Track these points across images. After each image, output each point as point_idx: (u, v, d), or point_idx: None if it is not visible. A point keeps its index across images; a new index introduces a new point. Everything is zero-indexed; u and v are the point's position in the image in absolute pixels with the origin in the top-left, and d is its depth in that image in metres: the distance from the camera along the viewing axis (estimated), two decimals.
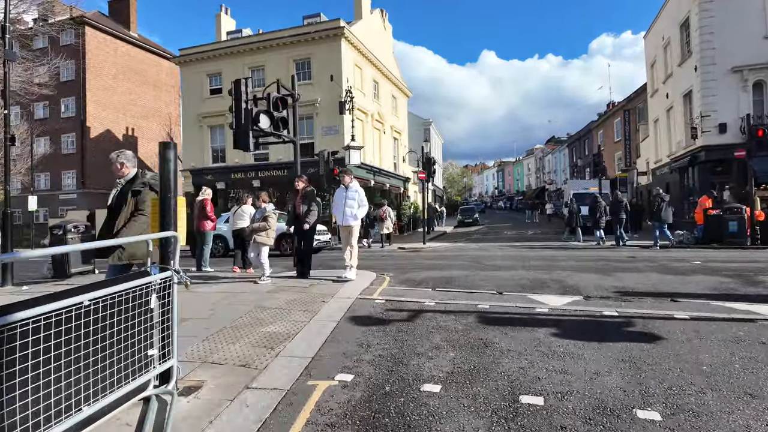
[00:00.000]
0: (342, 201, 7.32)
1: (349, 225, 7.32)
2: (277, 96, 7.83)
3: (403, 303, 5.66)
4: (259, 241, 7.31)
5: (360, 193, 7.38)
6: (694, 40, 19.25)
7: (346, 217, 7.28)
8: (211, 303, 5.73)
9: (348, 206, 7.25)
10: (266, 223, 7.30)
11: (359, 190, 7.42)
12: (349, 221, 7.29)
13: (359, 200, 7.32)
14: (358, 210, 7.30)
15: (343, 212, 7.29)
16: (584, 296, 6.03)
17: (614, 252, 12.54)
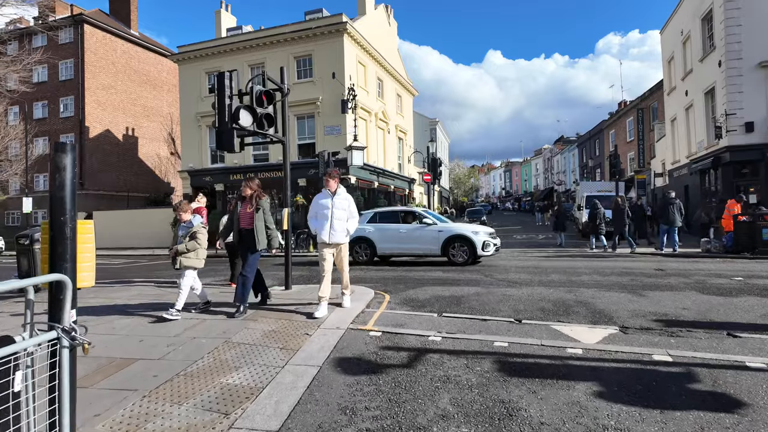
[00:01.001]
0: (327, 212, 5.71)
1: (340, 242, 5.78)
2: (262, 90, 6.89)
3: (403, 337, 4.69)
4: (187, 264, 5.72)
5: (350, 201, 5.88)
6: (718, 33, 18.09)
7: (336, 232, 5.69)
8: (173, 335, 4.79)
9: (337, 218, 5.70)
10: (195, 242, 5.78)
11: (349, 197, 5.91)
12: (339, 238, 5.73)
13: (350, 211, 5.83)
14: (349, 223, 5.82)
15: (330, 226, 5.68)
16: (620, 327, 5.02)
17: (638, 262, 11.48)
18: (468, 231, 11.64)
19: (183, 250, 5.69)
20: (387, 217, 12.69)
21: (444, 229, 11.75)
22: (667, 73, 25.49)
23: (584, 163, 50.02)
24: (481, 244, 11.27)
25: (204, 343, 4.49)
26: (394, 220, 12.49)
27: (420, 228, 11.92)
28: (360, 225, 11.94)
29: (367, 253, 12.26)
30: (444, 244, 11.49)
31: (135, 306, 6.56)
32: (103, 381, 3.64)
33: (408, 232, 11.97)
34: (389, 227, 12.22)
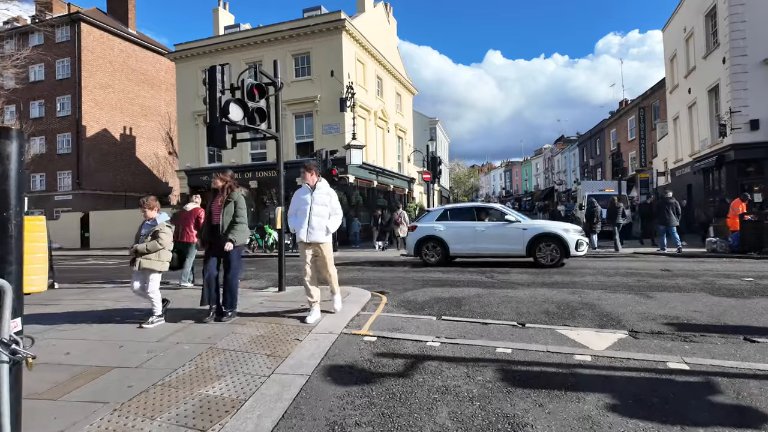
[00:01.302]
0: (306, 208, 5.18)
1: (319, 241, 5.20)
2: (253, 83, 6.61)
3: (400, 343, 4.40)
4: (147, 266, 5.12)
5: (332, 196, 5.29)
6: (722, 30, 17.81)
7: (314, 230, 5.14)
8: (155, 341, 4.51)
9: (315, 214, 5.15)
10: (157, 242, 5.17)
11: (331, 192, 5.33)
12: (318, 236, 5.15)
13: (331, 206, 5.25)
14: (330, 220, 5.23)
15: (307, 223, 5.14)
16: (630, 331, 4.74)
17: (643, 262, 11.20)
18: (558, 229, 10.61)
19: (143, 250, 5.13)
20: (460, 214, 11.75)
21: (530, 226, 10.73)
22: (669, 71, 25.21)
23: (585, 162, 49.75)
24: (575, 243, 10.32)
25: (187, 350, 4.21)
26: (469, 217, 11.53)
27: (501, 226, 10.90)
28: (429, 223, 11.53)
29: (438, 253, 11.33)
30: (530, 243, 10.50)
31: (120, 310, 6.28)
32: (74, 392, 3.36)
33: (487, 231, 10.97)
34: (464, 225, 11.23)
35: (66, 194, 33.29)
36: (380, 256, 15.09)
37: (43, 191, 33.98)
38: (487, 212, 11.73)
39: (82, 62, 32.51)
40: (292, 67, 23.52)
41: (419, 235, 11.58)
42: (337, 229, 5.45)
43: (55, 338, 4.76)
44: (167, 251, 5.31)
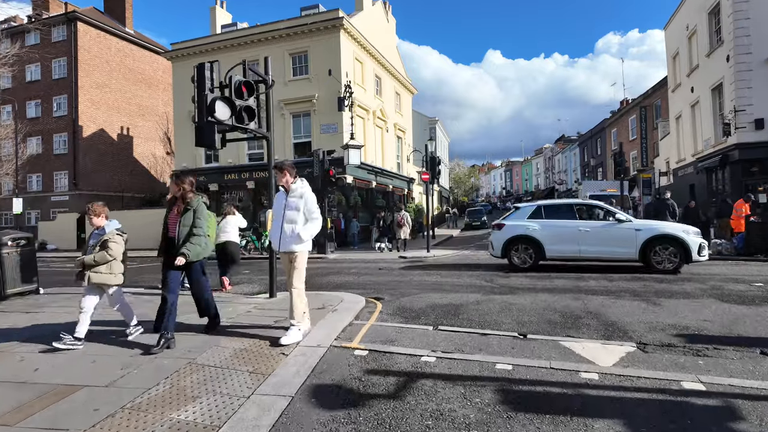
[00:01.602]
0: (279, 213, 4.67)
1: (290, 251, 4.60)
2: (241, 80, 6.32)
3: (393, 358, 4.11)
4: (98, 281, 4.57)
5: (307, 198, 4.63)
6: (726, 27, 17.51)
7: (285, 238, 4.57)
8: (129, 355, 4.23)
9: (288, 220, 4.57)
10: (106, 253, 4.57)
11: (306, 194, 4.66)
12: (288, 244, 4.56)
13: (306, 210, 4.61)
14: (305, 227, 4.59)
15: (280, 230, 4.61)
16: (638, 343, 4.46)
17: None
18: (678, 230, 9.37)
19: (90, 262, 4.53)
20: (558, 211, 10.41)
21: (644, 227, 9.52)
22: (671, 69, 24.90)
23: (586, 162, 49.45)
24: (697, 247, 9.14)
25: (164, 365, 3.92)
26: (569, 215, 10.18)
27: (609, 226, 9.71)
28: (519, 221, 10.35)
29: (531, 255, 10.11)
30: (643, 246, 9.34)
31: (103, 320, 5.99)
32: (35, 415, 3.08)
33: (593, 232, 9.74)
34: (563, 224, 9.98)
35: (63, 195, 33.01)
36: (378, 258, 14.81)
37: (40, 192, 33.71)
38: (590, 210, 10.35)
39: (79, 62, 32.19)
40: (289, 66, 23.24)
41: (508, 234, 10.30)
42: (315, 235, 4.83)
43: (26, 352, 4.48)
44: (119, 263, 4.73)
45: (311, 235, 4.65)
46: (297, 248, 4.60)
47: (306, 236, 4.58)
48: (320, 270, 11.90)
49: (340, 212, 21.76)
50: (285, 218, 4.60)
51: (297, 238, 4.56)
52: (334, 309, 5.94)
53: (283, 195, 4.72)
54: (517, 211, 10.89)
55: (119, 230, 4.83)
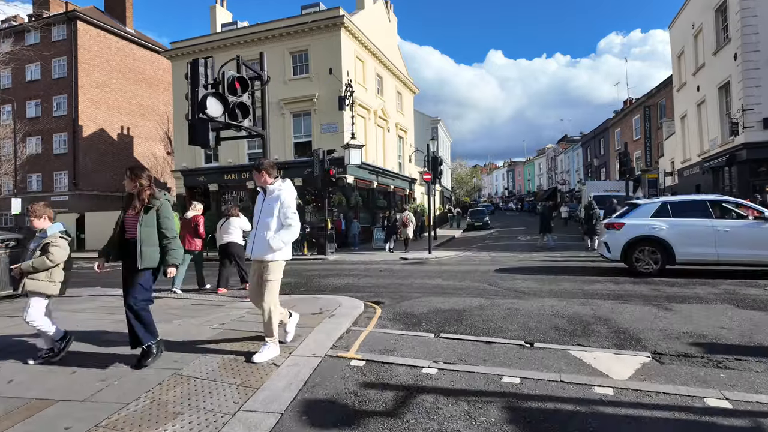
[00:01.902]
0: (257, 216, 4.20)
1: (263, 260, 4.06)
2: (235, 76, 6.08)
3: (391, 369, 3.85)
4: (33, 288, 4.03)
5: (283, 201, 4.05)
6: (733, 25, 17.21)
7: (257, 243, 4.09)
8: (112, 367, 3.97)
9: (262, 225, 4.08)
10: (46, 258, 4.03)
11: (283, 196, 4.06)
12: (262, 252, 4.02)
13: (283, 214, 4.05)
14: (277, 234, 4.01)
15: (254, 235, 4.18)
16: (653, 353, 4.18)
17: None
18: None
19: (28, 269, 4.00)
20: (687, 208, 9.10)
21: None
22: (676, 68, 24.59)
23: (589, 162, 49.09)
24: None
25: (147, 377, 3.67)
26: (701, 213, 8.89)
27: (754, 225, 8.55)
28: (641, 220, 9.17)
29: (657, 259, 8.98)
30: None
31: (87, 327, 5.75)
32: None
33: (734, 232, 8.56)
34: (698, 224, 8.76)
35: (62, 195, 32.86)
36: (379, 260, 14.56)
37: (40, 192, 33.56)
38: (724, 208, 9.07)
39: (79, 61, 32.05)
40: (289, 65, 23.01)
41: (629, 235, 9.17)
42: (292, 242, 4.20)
43: (2, 360, 4.23)
44: (60, 270, 4.14)
45: (284, 243, 4.04)
46: (268, 257, 4.02)
47: (276, 245, 3.97)
48: (320, 272, 11.65)
49: (340, 213, 21.52)
50: (259, 223, 4.11)
51: (268, 247, 3.99)
52: (332, 314, 5.68)
53: (261, 198, 4.22)
54: (636, 209, 9.59)
55: (63, 233, 4.23)
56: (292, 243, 4.31)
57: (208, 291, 8.42)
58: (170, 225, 3.98)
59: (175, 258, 3.98)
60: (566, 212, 35.07)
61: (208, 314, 5.94)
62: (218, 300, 7.28)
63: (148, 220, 3.90)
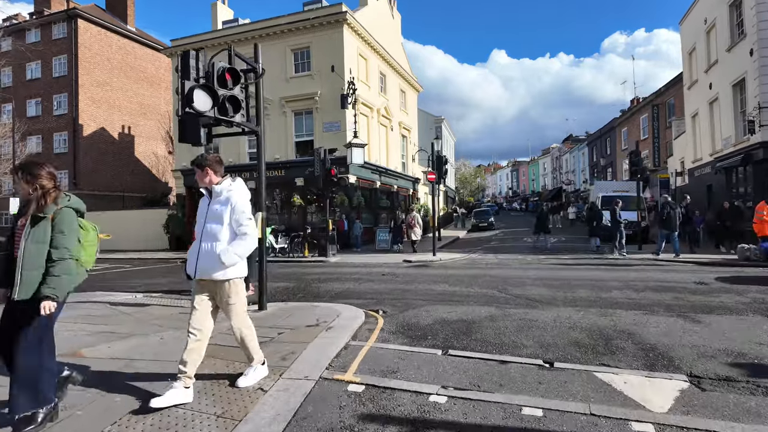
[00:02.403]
0: (200, 222, 3.40)
1: (214, 279, 3.30)
2: (225, 67, 5.62)
3: (394, 397, 3.37)
4: None
5: (235, 205, 3.31)
6: (749, 19, 16.62)
7: (204, 259, 3.28)
8: (78, 390, 3.51)
9: (207, 235, 3.31)
10: None
11: (235, 199, 3.33)
12: (212, 269, 3.27)
13: (234, 221, 3.31)
14: (235, 245, 3.29)
15: (198, 249, 3.33)
16: (690, 376, 3.70)
17: (672, 273, 10.08)
18: None
19: None
20: None
21: None
22: (687, 65, 23.97)
23: (595, 162, 48.42)
24: None
25: (116, 405, 3.21)
26: None
27: None
28: None
29: None
30: None
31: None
32: None
33: None
34: None
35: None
36: (382, 262, 14.08)
37: None
38: None
39: (79, 59, 31.71)
40: (291, 62, 22.57)
41: None
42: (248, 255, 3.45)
43: None
44: None
45: (239, 257, 3.30)
46: (219, 275, 3.26)
47: (229, 259, 3.24)
48: (320, 275, 11.19)
49: (343, 213, 21.07)
50: (205, 232, 3.32)
51: (218, 262, 3.24)
52: (329, 326, 5.22)
53: (205, 201, 3.45)
54: None
55: None
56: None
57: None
58: (64, 243, 2.83)
59: (53, 288, 2.74)
60: (573, 213, 34.50)
61: None
62: None
63: (37, 234, 2.80)
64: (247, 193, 3.48)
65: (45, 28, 33.15)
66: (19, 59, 33.06)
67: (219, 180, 3.45)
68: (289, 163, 22.17)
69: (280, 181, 22.73)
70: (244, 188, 3.48)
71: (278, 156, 22.54)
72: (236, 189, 3.41)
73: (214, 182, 3.42)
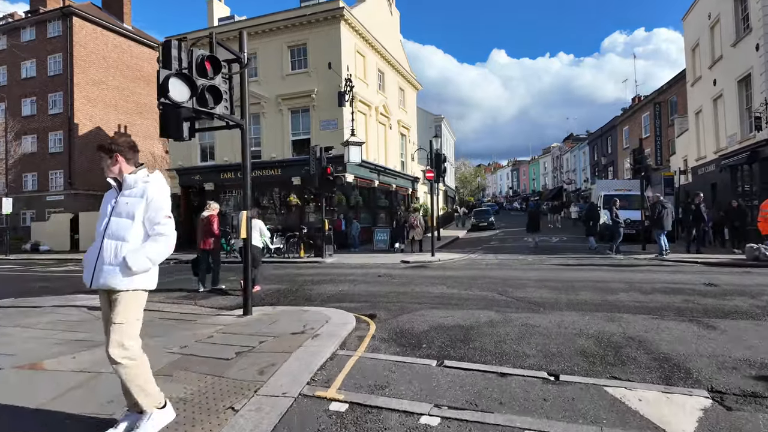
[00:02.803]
0: (104, 222, 2.72)
1: (110, 287, 2.60)
2: (205, 55, 5.25)
3: (381, 418, 2.99)
4: None
5: (151, 201, 2.70)
6: (755, 14, 16.23)
7: (102, 264, 2.61)
8: (34, 407, 3.14)
9: (111, 235, 2.65)
10: None
11: (151, 193, 2.71)
12: (108, 276, 2.59)
13: (150, 219, 2.71)
14: (147, 247, 2.65)
15: (98, 251, 2.66)
16: (711, 391, 3.32)
17: (679, 274, 9.69)
18: None
19: None
20: None
21: None
22: (690, 62, 23.57)
23: (596, 161, 48.02)
24: None
25: (65, 428, 2.83)
26: None
27: None
28: None
29: None
30: None
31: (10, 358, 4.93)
32: None
33: None
34: None
35: (58, 194, 32.20)
36: (379, 263, 13.69)
37: (35, 191, 32.94)
38: None
39: (74, 58, 31.33)
40: (287, 59, 22.18)
41: None
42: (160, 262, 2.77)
43: None
44: None
45: (151, 263, 2.64)
46: (122, 284, 2.57)
47: (139, 265, 2.57)
48: (314, 277, 10.81)
49: (340, 213, 20.69)
50: (108, 231, 2.66)
51: (123, 267, 2.57)
52: (316, 334, 4.84)
53: (112, 194, 2.79)
54: None
55: None
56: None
57: (221, 291, 8.69)
58: None
59: None
60: (575, 212, 34.07)
61: (173, 332, 5.10)
62: (193, 312, 6.46)
63: None
64: (167, 189, 2.85)
65: (40, 26, 32.80)
66: (14, 57, 32.74)
67: (132, 169, 2.79)
68: (286, 162, 21.78)
69: (277, 181, 22.36)
70: (163, 182, 2.85)
71: (275, 155, 22.17)
72: (154, 181, 2.78)
73: (125, 171, 2.76)
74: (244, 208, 6.12)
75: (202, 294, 8.55)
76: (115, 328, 2.57)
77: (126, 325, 2.60)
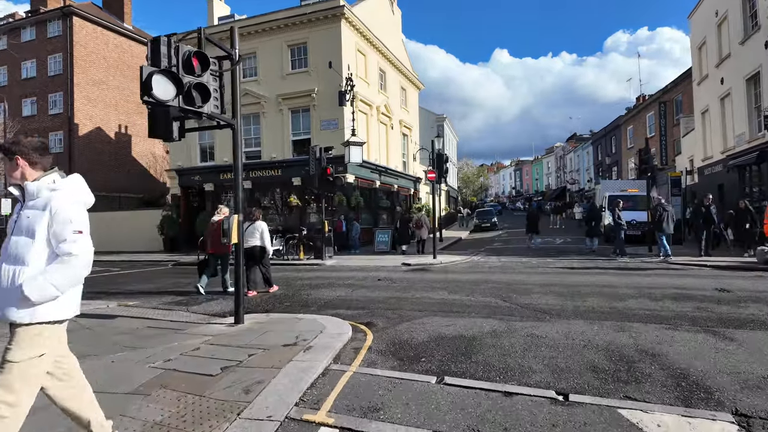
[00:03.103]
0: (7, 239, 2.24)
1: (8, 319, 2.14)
2: (192, 51, 4.99)
3: None
4: None
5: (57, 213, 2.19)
6: (763, 10, 15.88)
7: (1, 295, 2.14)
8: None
9: (9, 258, 2.19)
10: None
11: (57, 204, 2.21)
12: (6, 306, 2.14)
13: (56, 234, 2.18)
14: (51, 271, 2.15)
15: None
16: (736, 415, 3.04)
17: (689, 279, 9.38)
18: None
19: None
20: None
21: None
22: (696, 60, 23.20)
23: (600, 161, 47.61)
24: None
25: None
26: None
27: None
28: None
29: None
30: None
31: None
32: None
33: None
34: None
35: None
36: (379, 266, 13.41)
37: None
38: None
39: (75, 58, 31.16)
40: (287, 58, 21.93)
41: None
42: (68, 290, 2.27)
43: None
44: None
45: (57, 288, 2.15)
46: (19, 317, 2.13)
47: (39, 294, 2.11)
48: (312, 280, 10.55)
49: (341, 213, 20.41)
50: (7, 253, 2.22)
51: (18, 296, 2.10)
52: (309, 346, 4.57)
53: (18, 208, 2.35)
54: None
55: None
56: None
57: (229, 294, 8.43)
58: None
59: None
60: (579, 213, 33.69)
61: (159, 343, 4.84)
62: (183, 320, 6.19)
63: None
64: (80, 197, 2.37)
65: (40, 26, 32.65)
66: (14, 58, 32.62)
67: (37, 174, 2.31)
68: (286, 162, 21.53)
69: (277, 181, 22.13)
70: (77, 189, 2.38)
71: (275, 155, 21.92)
72: (62, 188, 2.30)
73: (29, 178, 2.30)
74: (236, 211, 5.85)
75: (203, 298, 8.41)
76: (6, 370, 2.10)
77: (21, 364, 2.12)
